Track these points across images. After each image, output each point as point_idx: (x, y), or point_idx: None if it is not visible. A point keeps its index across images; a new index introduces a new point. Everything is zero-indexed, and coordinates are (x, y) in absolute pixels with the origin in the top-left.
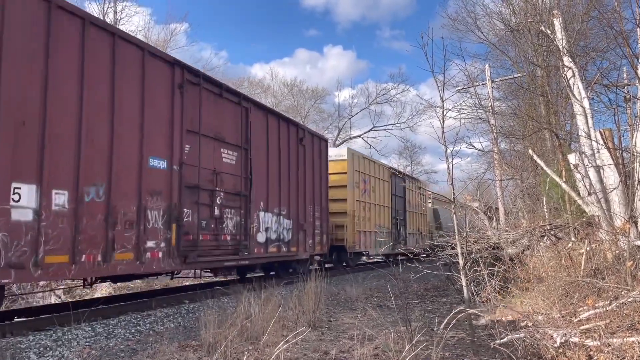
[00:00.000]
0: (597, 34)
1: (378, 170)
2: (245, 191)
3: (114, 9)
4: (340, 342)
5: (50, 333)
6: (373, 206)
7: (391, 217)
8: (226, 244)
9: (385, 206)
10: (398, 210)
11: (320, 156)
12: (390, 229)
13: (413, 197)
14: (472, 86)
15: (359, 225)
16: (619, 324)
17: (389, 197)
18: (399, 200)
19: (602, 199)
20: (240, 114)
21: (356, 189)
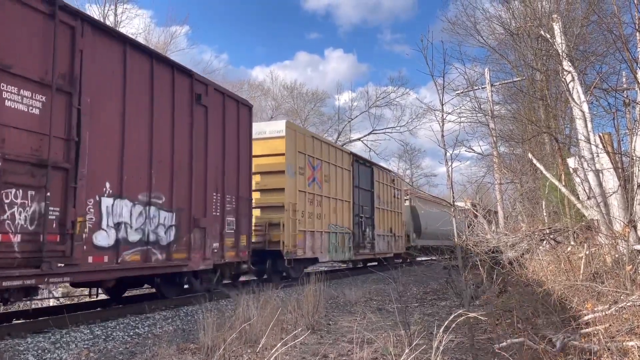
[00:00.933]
0: (596, 38)
1: (334, 155)
2: (64, 161)
3: (114, 11)
4: (339, 345)
5: (48, 335)
6: (326, 200)
7: (353, 214)
8: (7, 249)
9: (344, 201)
10: (363, 207)
11: (239, 126)
12: (351, 229)
13: (385, 192)
14: (472, 90)
15: (303, 223)
16: (619, 328)
17: (350, 189)
18: (365, 195)
19: (601, 203)
20: (57, 35)
21: (300, 176)
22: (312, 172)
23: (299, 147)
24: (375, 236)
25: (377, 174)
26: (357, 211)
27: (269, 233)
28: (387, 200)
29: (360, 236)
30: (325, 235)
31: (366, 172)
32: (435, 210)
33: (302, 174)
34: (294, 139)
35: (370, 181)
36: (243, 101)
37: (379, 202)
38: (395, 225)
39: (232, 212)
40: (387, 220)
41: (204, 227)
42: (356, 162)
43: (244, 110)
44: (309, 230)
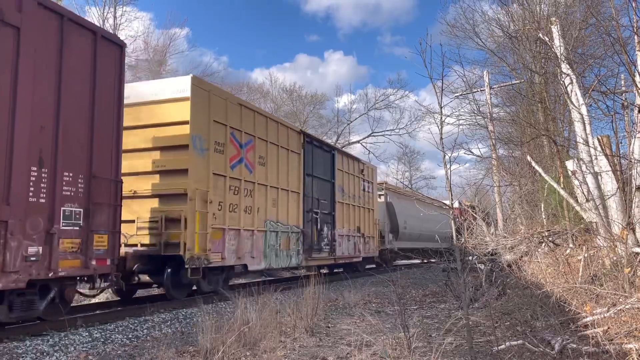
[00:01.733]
0: (594, 41)
1: (276, 132)
2: None
3: (114, 14)
4: (339, 348)
5: (47, 338)
6: (261, 189)
7: (304, 209)
8: None
9: (291, 191)
10: (320, 201)
11: (96, 71)
12: (301, 227)
13: (351, 183)
14: (471, 92)
15: (221, 219)
16: (617, 330)
17: (300, 177)
18: (322, 186)
19: (600, 205)
20: None
21: (217, 154)
22: (239, 151)
23: (217, 115)
24: (336, 237)
25: (341, 160)
26: (310, 205)
27: (166, 232)
28: (353, 194)
29: (314, 236)
30: (259, 236)
31: (325, 158)
32: (417, 207)
33: (221, 152)
34: (207, 103)
35: (330, 169)
36: (106, 35)
37: (343, 196)
38: (365, 224)
39: (75, 198)
40: (354, 217)
41: (4, 221)
42: (309, 144)
43: (108, 50)
44: (232, 229)
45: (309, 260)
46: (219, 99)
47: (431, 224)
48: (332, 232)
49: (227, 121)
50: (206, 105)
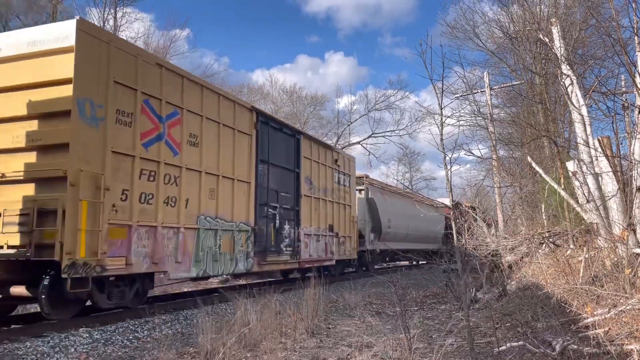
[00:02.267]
0: (595, 42)
1: (215, 105)
2: None
3: (114, 15)
4: (339, 349)
5: (47, 339)
6: (193, 175)
7: (256, 203)
8: None
9: (238, 181)
10: (279, 193)
11: None
12: (253, 224)
13: (321, 174)
14: (471, 93)
15: (126, 212)
16: (618, 331)
17: (251, 164)
18: (282, 176)
19: (600, 206)
20: None
21: (118, 127)
22: (157, 126)
23: (121, 76)
24: (301, 236)
25: (308, 147)
26: (265, 198)
27: (38, 229)
28: (325, 187)
29: (271, 236)
30: (188, 235)
31: (287, 143)
32: (405, 205)
33: (128, 125)
34: (104, 58)
35: (294, 157)
36: None
37: (311, 189)
38: (339, 222)
39: None
40: (326, 214)
41: None
42: (264, 125)
43: None
44: (144, 225)
45: (264, 265)
46: (126, 54)
47: (421, 223)
48: (296, 230)
49: (138, 85)
50: (102, 60)
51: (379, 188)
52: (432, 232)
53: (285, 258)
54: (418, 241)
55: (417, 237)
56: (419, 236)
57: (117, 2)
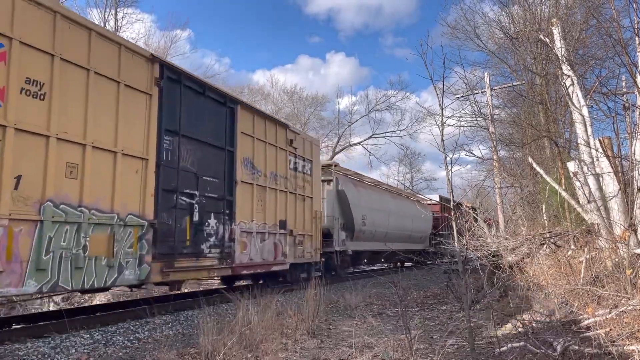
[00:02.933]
0: (595, 42)
1: (85, 44)
2: None
3: (115, 16)
4: (340, 350)
5: (48, 340)
6: (32, 141)
7: (158, 187)
8: None
9: (124, 155)
10: (200, 177)
11: None
12: (152, 217)
13: (270, 157)
14: (472, 94)
15: None
16: (619, 332)
17: (150, 133)
18: (207, 155)
19: (601, 206)
20: None
21: None
22: None
23: None
24: (236, 234)
25: (248, 121)
26: (174, 182)
27: None
28: (274, 173)
29: (183, 234)
30: (21, 230)
31: (215, 113)
32: (383, 199)
33: None
34: None
35: (226, 131)
36: None
37: (254, 174)
38: (295, 218)
39: None
40: (276, 207)
41: None
42: (175, 83)
43: None
44: None
45: (170, 273)
46: None
47: (404, 221)
48: (228, 227)
49: None
50: None
51: (352, 179)
52: (418, 231)
53: (211, 262)
54: (401, 241)
55: (400, 237)
56: (402, 235)
57: (118, 2)
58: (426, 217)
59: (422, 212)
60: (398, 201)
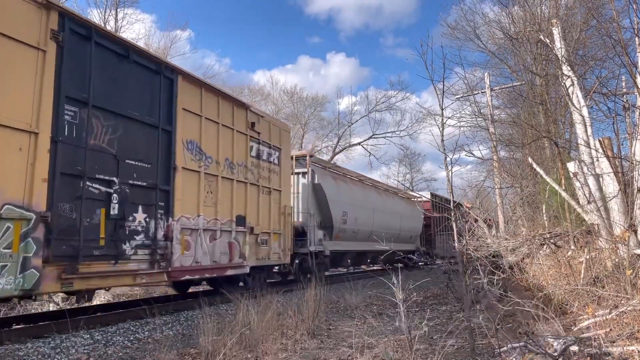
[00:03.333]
0: (595, 43)
1: None
2: None
3: (115, 16)
4: (340, 350)
5: (48, 340)
6: None
7: (56, 170)
8: None
9: (1, 127)
10: (121, 160)
11: None
12: (43, 208)
13: (224, 141)
14: (472, 94)
15: None
16: (619, 332)
17: (43, 100)
18: (134, 133)
19: (601, 207)
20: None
21: None
22: None
23: None
24: (174, 232)
25: (194, 96)
26: (80, 165)
27: None
28: (230, 161)
29: (96, 230)
30: None
31: (145, 82)
32: (369, 194)
33: None
34: None
35: (160, 104)
36: None
37: (200, 160)
38: (258, 213)
39: None
40: (231, 200)
41: None
42: (83, 40)
43: None
44: None
45: (73, 281)
46: None
47: (392, 219)
48: (164, 222)
49: None
50: None
51: (331, 172)
52: (407, 229)
53: (137, 266)
54: (388, 239)
55: (387, 236)
56: (389, 235)
57: (118, 3)
58: (417, 215)
59: (412, 210)
60: (385, 197)
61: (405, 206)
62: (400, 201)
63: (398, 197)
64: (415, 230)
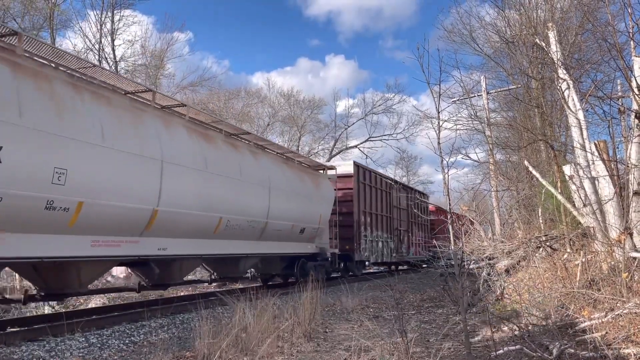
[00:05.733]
0: (591, 46)
1: None
2: None
3: (111, 18)
4: (336, 353)
5: (43, 343)
6: None
7: None
8: None
9: None
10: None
11: None
12: None
13: None
14: (468, 97)
15: None
16: (615, 335)
17: None
18: None
19: (597, 210)
20: None
21: None
22: None
23: None
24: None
25: None
26: None
27: None
28: None
29: None
30: None
31: None
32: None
33: None
34: None
35: None
36: None
37: None
38: None
39: None
40: None
41: None
42: None
43: None
44: None
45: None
46: None
47: (247, 196)
48: None
49: None
50: None
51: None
52: (295, 219)
53: None
54: (244, 238)
55: (240, 229)
56: (242, 226)
57: (115, 5)
58: (319, 191)
59: (311, 186)
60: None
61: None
62: (284, 167)
63: (283, 158)
64: (313, 219)
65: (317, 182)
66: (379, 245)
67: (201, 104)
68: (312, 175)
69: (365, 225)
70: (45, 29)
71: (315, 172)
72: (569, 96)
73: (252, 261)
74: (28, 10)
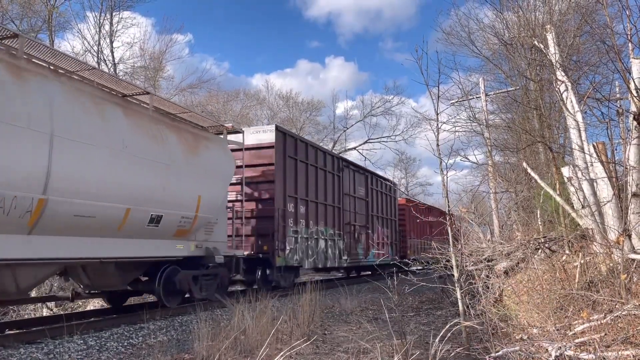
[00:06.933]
0: (589, 48)
1: None
2: None
3: (110, 20)
4: (335, 355)
5: (42, 346)
6: None
7: None
8: None
9: None
10: None
11: None
12: None
13: None
14: (467, 99)
15: None
16: (614, 337)
17: None
18: None
19: (595, 212)
20: None
21: None
22: None
23: None
24: None
25: None
26: None
27: None
28: None
29: None
30: None
31: None
32: None
33: None
34: None
35: None
36: None
37: None
38: None
39: None
40: None
41: None
42: None
43: None
44: None
45: None
46: None
47: None
48: None
49: None
50: None
51: None
52: (139, 195)
53: None
54: (94, 233)
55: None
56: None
57: (113, 7)
58: (197, 166)
59: None
60: None
61: None
62: None
63: None
64: (181, 202)
65: (195, 145)
66: (319, 245)
67: (200, 106)
68: (187, 134)
69: (297, 217)
70: (43, 30)
71: (198, 132)
72: (568, 98)
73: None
74: (26, 12)
